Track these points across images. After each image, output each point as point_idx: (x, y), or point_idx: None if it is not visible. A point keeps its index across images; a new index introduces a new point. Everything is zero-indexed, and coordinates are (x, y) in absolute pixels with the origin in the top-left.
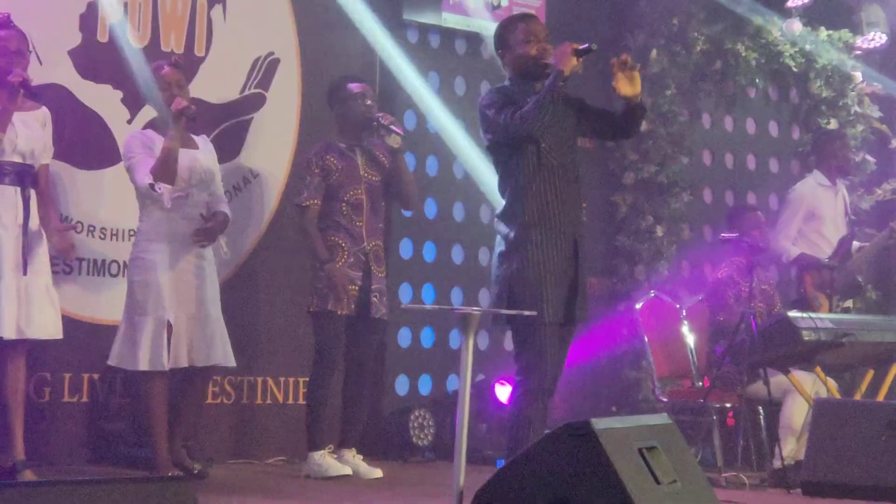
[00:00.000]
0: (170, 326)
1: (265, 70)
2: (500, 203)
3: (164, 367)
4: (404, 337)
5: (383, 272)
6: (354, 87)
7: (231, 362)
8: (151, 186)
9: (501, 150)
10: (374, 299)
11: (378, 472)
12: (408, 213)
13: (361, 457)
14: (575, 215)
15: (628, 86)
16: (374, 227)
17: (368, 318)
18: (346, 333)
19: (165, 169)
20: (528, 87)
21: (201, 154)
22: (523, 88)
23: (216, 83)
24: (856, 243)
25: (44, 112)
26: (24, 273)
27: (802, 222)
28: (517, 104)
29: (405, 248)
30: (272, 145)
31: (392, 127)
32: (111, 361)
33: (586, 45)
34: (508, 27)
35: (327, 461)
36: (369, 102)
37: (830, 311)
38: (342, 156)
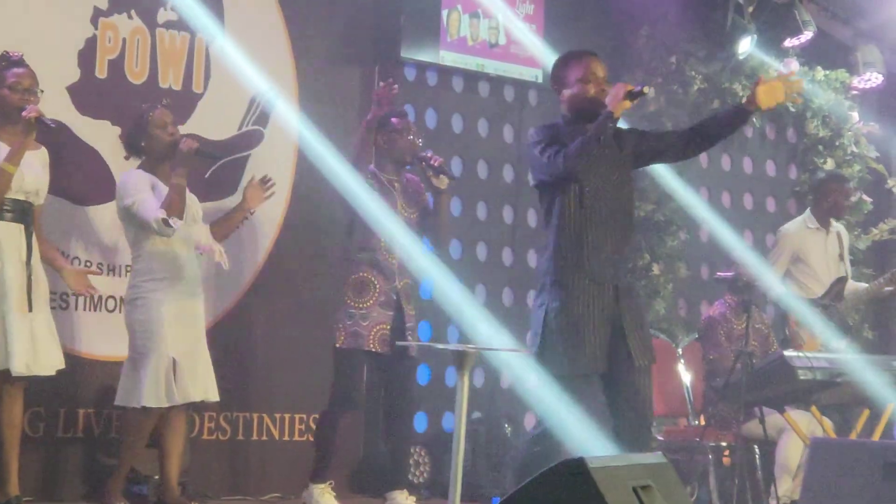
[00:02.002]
0: (175, 363)
1: (263, 106)
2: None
3: (175, 403)
4: None
5: (413, 310)
6: (397, 121)
7: (215, 397)
8: (165, 221)
9: (545, 189)
10: (409, 338)
11: None
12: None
13: (415, 498)
14: (617, 260)
15: (771, 96)
16: (407, 265)
17: (406, 357)
18: (382, 374)
19: (178, 204)
20: (580, 127)
21: (192, 193)
22: (575, 128)
23: (214, 119)
24: (855, 284)
25: (44, 153)
26: (30, 310)
27: (789, 263)
28: (564, 144)
29: None
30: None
31: (443, 169)
32: (118, 401)
33: (640, 86)
34: (567, 64)
35: (325, 498)
36: (411, 137)
37: (817, 349)
38: (383, 189)
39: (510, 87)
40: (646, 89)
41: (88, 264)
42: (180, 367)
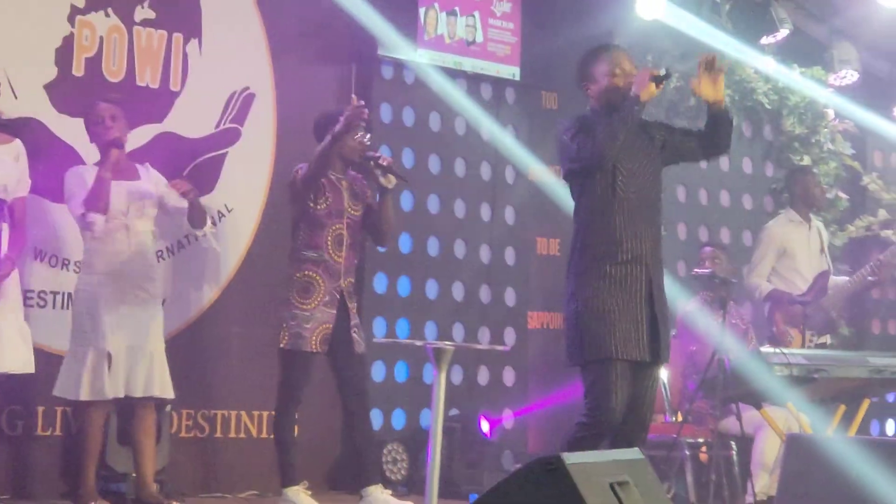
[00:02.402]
0: (110, 357)
1: (240, 105)
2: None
3: (106, 397)
4: (378, 371)
5: (356, 307)
6: None
7: (169, 394)
8: (83, 216)
9: (576, 178)
10: (354, 335)
11: None
12: (381, 249)
13: (390, 491)
14: (650, 250)
15: (711, 89)
16: (351, 263)
17: (353, 355)
18: (334, 372)
19: (97, 199)
20: (609, 120)
21: (142, 184)
22: (605, 120)
23: (192, 118)
24: (837, 279)
25: (17, 145)
26: None
27: (775, 260)
28: (594, 134)
29: (379, 283)
30: (247, 180)
31: (394, 170)
32: (55, 392)
33: (663, 71)
34: (594, 59)
35: (301, 498)
36: (359, 136)
37: (803, 346)
38: (333, 187)
39: (487, 84)
40: (669, 71)
41: (66, 262)
42: (116, 361)
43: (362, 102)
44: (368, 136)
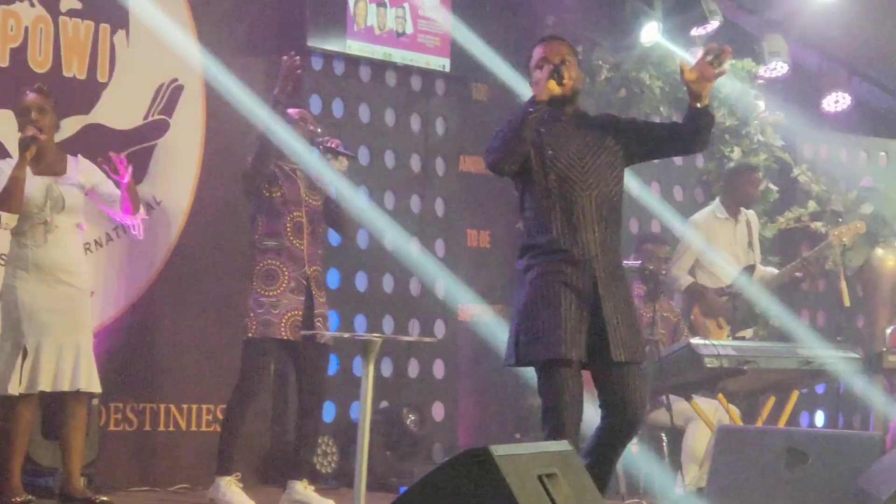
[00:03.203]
0: (25, 351)
1: (169, 96)
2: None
3: (12, 392)
4: None
5: (324, 297)
6: (294, 112)
7: (95, 388)
8: None
9: (513, 178)
10: (318, 325)
11: (330, 503)
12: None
13: (313, 487)
14: (597, 249)
15: (701, 82)
16: (315, 251)
17: (315, 345)
18: (294, 362)
19: (8, 197)
20: (541, 107)
21: (67, 178)
22: (537, 108)
23: (120, 109)
24: (764, 270)
25: None
26: None
27: (698, 253)
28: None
29: None
30: (176, 171)
31: (340, 150)
32: None
33: (558, 65)
34: (531, 51)
35: (233, 490)
36: (311, 127)
37: (723, 339)
38: (287, 176)
39: (417, 76)
40: (560, 68)
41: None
42: (44, 356)
43: (293, 52)
44: (320, 129)
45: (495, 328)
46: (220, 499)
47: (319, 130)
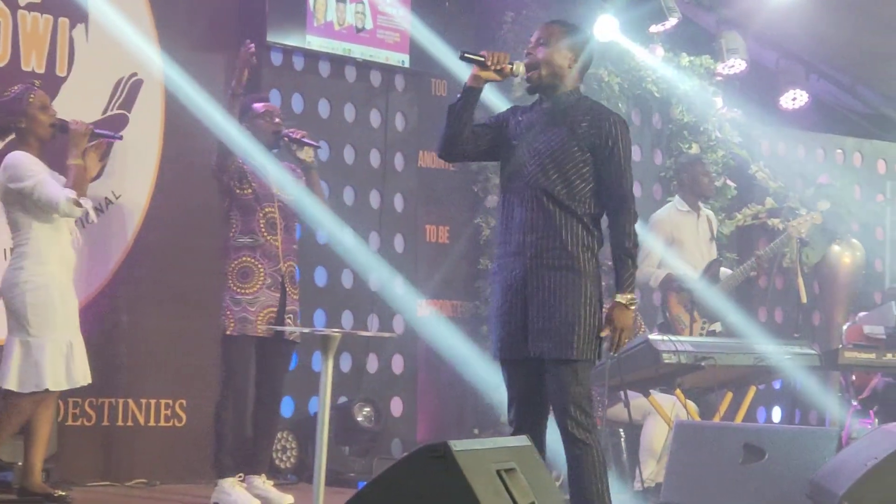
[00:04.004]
0: (70, 346)
1: (128, 91)
2: None
3: (65, 387)
4: None
5: (297, 294)
6: (260, 106)
7: (90, 380)
8: (76, 201)
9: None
10: (289, 321)
11: (289, 499)
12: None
13: (272, 482)
14: (534, 243)
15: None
16: (289, 247)
17: (282, 341)
18: (258, 356)
19: (83, 184)
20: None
21: None
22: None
23: (78, 104)
24: (724, 270)
25: None
26: None
27: (664, 248)
28: (489, 120)
29: None
30: (135, 166)
31: (305, 140)
32: (8, 386)
33: (476, 53)
34: None
35: (237, 491)
36: (277, 120)
37: (696, 331)
38: (255, 174)
39: (377, 71)
40: (467, 55)
41: None
42: (72, 350)
43: (248, 41)
44: (279, 119)
45: (454, 323)
46: (226, 500)
47: (278, 121)
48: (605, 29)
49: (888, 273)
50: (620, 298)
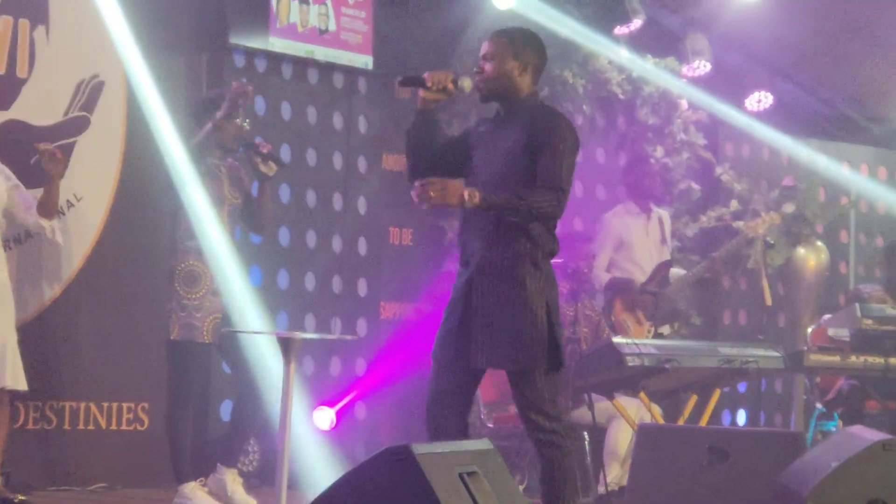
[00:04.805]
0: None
1: (89, 92)
2: None
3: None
4: None
5: None
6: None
7: (22, 386)
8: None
9: None
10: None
11: (252, 502)
12: (256, 240)
13: (242, 480)
14: (480, 251)
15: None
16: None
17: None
18: (226, 362)
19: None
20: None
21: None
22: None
23: (39, 105)
24: (677, 270)
25: None
26: None
27: (612, 251)
28: (458, 136)
29: None
30: (96, 168)
31: (272, 156)
32: None
33: (417, 75)
34: None
35: (198, 495)
36: (239, 121)
37: (644, 335)
38: (209, 173)
39: (340, 73)
40: (404, 79)
41: None
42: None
43: (246, 82)
44: (248, 123)
45: (417, 326)
46: None
47: (248, 127)
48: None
49: (852, 276)
50: (475, 192)
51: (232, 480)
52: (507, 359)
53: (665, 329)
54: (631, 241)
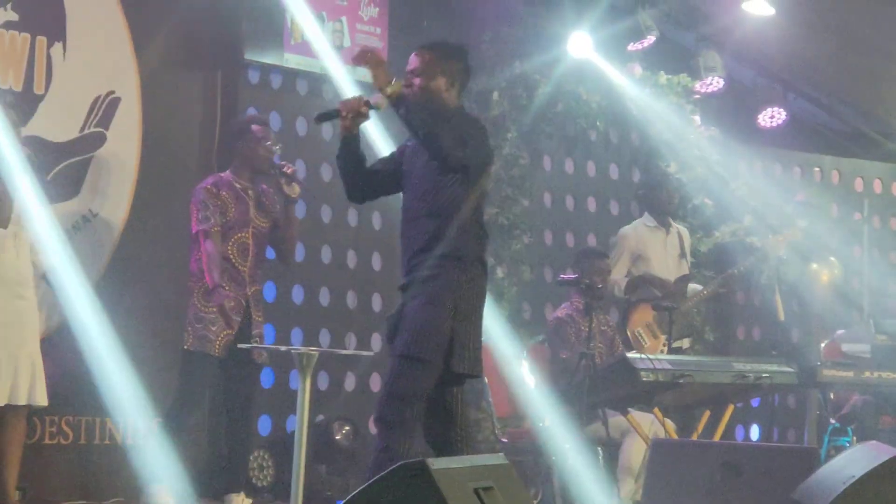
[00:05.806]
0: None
1: (105, 108)
2: None
3: None
4: None
5: (262, 316)
6: (258, 129)
7: (43, 402)
8: None
9: None
10: (256, 343)
11: None
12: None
13: (251, 500)
14: (407, 260)
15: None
16: (256, 272)
17: (250, 363)
18: (225, 377)
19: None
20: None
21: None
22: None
23: (56, 121)
24: (693, 286)
25: None
26: None
27: (630, 263)
28: (391, 154)
29: None
30: (112, 184)
31: (296, 178)
32: None
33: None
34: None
35: (162, 498)
36: (269, 143)
37: (659, 349)
38: (237, 197)
39: (355, 90)
40: (321, 115)
41: None
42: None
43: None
44: (279, 146)
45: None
46: None
47: (278, 148)
48: (579, 46)
49: (866, 291)
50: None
51: (241, 502)
52: (398, 344)
53: (684, 342)
54: (648, 255)
